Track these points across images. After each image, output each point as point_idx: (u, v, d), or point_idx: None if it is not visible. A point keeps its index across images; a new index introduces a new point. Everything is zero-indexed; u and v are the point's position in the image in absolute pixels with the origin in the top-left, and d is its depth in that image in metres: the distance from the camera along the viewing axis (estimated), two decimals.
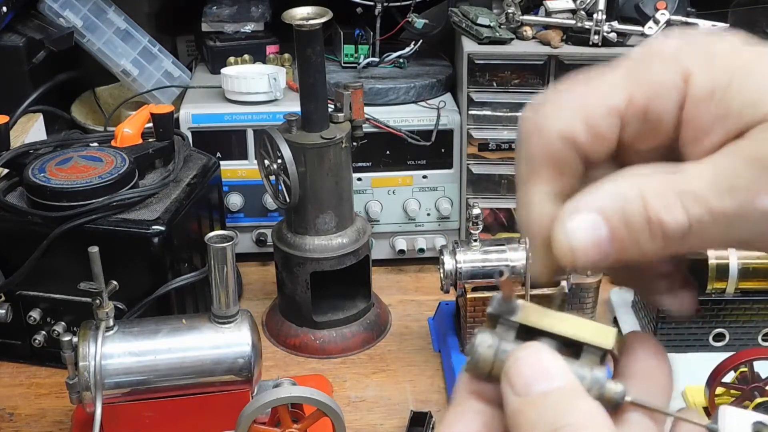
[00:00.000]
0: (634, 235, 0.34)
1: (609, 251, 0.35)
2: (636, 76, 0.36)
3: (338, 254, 1.07)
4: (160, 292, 0.97)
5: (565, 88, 0.37)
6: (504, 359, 0.36)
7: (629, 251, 0.35)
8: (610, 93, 0.36)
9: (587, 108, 0.36)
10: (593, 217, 0.35)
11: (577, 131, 0.36)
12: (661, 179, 0.34)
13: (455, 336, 1.07)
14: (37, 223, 0.97)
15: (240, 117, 1.20)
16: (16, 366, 1.07)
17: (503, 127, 1.21)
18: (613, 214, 0.34)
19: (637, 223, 0.34)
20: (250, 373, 0.87)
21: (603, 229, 0.34)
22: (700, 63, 0.35)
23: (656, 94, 0.35)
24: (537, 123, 0.37)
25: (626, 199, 0.34)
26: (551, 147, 0.36)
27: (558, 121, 0.36)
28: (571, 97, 0.37)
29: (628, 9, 1.16)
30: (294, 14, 1.01)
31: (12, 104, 1.21)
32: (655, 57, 0.36)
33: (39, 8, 1.28)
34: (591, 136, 0.36)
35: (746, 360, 0.89)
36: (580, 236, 0.35)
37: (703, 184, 0.33)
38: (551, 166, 0.37)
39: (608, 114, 0.36)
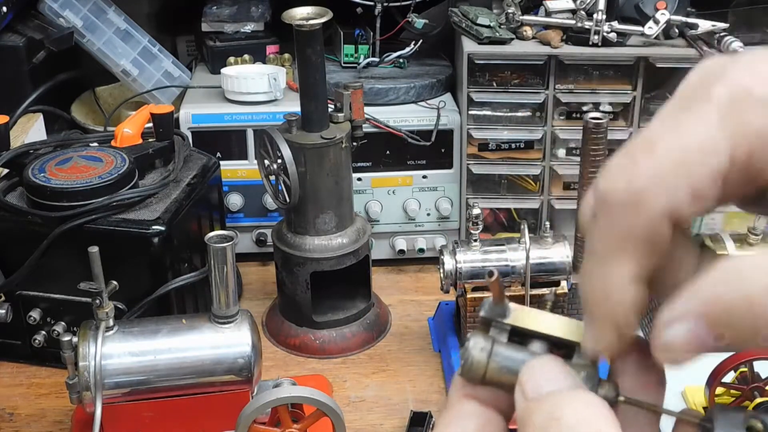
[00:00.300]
0: (740, 333, 0.30)
1: (712, 348, 0.31)
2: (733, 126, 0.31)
3: (338, 254, 1.07)
4: (160, 292, 0.97)
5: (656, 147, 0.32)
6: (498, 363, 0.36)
7: (735, 346, 0.31)
8: (712, 151, 0.31)
9: (691, 174, 0.31)
10: (693, 323, 0.31)
11: (686, 206, 0.31)
12: (761, 265, 0.30)
13: (455, 336, 1.07)
14: (37, 223, 0.97)
15: (240, 117, 1.20)
16: (16, 366, 1.07)
17: (503, 127, 1.21)
18: (715, 316, 0.31)
19: (744, 322, 0.30)
20: (250, 373, 0.87)
21: (705, 332, 0.31)
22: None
23: (759, 146, 0.31)
24: (634, 194, 0.32)
25: (728, 299, 0.30)
26: (652, 227, 0.32)
27: (663, 196, 0.31)
28: (670, 161, 0.31)
29: (628, 9, 1.16)
30: (294, 14, 1.01)
31: (12, 104, 1.21)
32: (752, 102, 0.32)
33: (39, 8, 1.28)
34: (695, 206, 0.32)
35: (746, 360, 0.89)
36: (681, 343, 0.31)
37: None
38: (646, 246, 0.32)
39: (713, 178, 0.31)
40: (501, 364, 0.36)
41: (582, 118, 1.04)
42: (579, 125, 1.08)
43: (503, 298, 0.36)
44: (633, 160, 0.32)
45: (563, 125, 1.20)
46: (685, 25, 1.14)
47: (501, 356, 0.36)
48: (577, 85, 1.18)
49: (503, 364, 0.36)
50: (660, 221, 0.32)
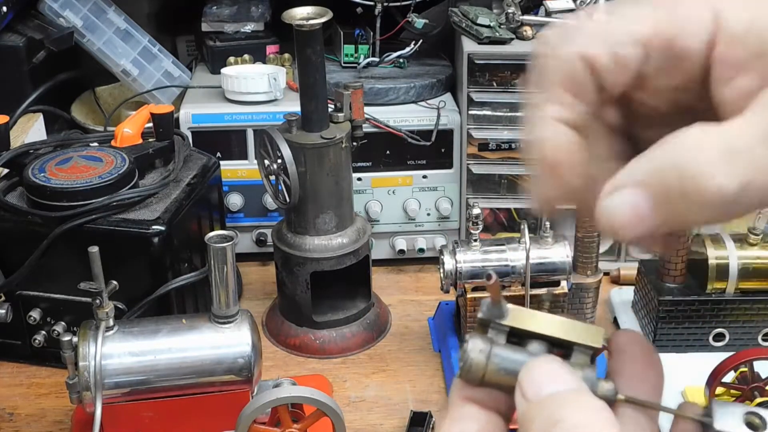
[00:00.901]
0: (680, 206, 0.32)
1: (654, 224, 0.33)
2: (664, 9, 0.35)
3: (338, 254, 1.07)
4: (160, 292, 0.97)
5: (590, 15, 0.36)
6: (497, 365, 0.36)
7: (678, 222, 0.33)
8: (636, 22, 0.35)
9: (611, 34, 0.35)
10: (631, 193, 0.33)
11: (599, 54, 0.35)
12: (703, 141, 0.32)
13: (455, 336, 1.07)
14: (37, 223, 0.97)
15: (240, 117, 1.20)
16: (16, 366, 1.07)
17: (503, 127, 1.21)
18: (654, 186, 0.33)
19: (681, 194, 0.32)
20: (250, 373, 0.87)
21: (645, 203, 0.33)
22: (732, 2, 0.34)
23: (684, 29, 0.34)
24: (557, 42, 0.36)
25: (666, 169, 0.32)
26: (570, 68, 0.35)
27: (579, 42, 0.35)
28: (594, 23, 0.36)
29: None
30: (294, 14, 1.01)
31: (12, 104, 1.21)
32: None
33: (39, 8, 1.28)
34: (612, 62, 0.35)
35: (746, 360, 0.89)
36: (621, 213, 0.33)
37: (751, 140, 0.31)
38: (567, 88, 0.35)
39: (632, 42, 0.35)
40: (499, 366, 0.36)
41: None
42: None
43: (501, 300, 0.36)
44: (572, 20, 0.37)
45: None
46: None
47: (499, 357, 0.36)
48: None
49: (502, 365, 0.36)
50: (574, 62, 0.35)
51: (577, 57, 0.35)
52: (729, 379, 0.91)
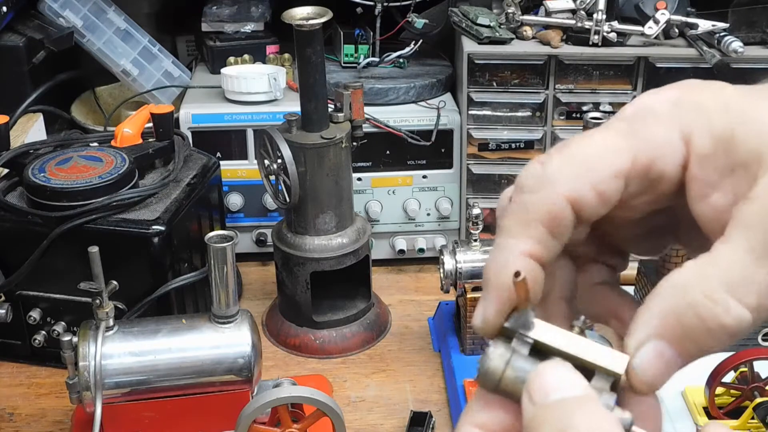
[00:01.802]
0: (700, 345, 0.34)
1: (680, 364, 0.35)
2: (637, 136, 0.36)
3: (338, 254, 1.07)
4: (160, 292, 0.97)
5: (568, 148, 0.37)
6: (515, 373, 0.36)
7: (699, 356, 0.35)
8: (614, 155, 0.36)
9: (593, 170, 0.36)
10: (654, 345, 0.34)
11: (584, 195, 0.36)
12: (702, 279, 0.34)
13: (455, 336, 1.07)
14: (37, 223, 0.97)
15: (240, 117, 1.20)
16: (16, 366, 1.07)
17: (503, 127, 1.21)
18: (673, 334, 0.34)
19: (701, 334, 0.34)
20: (250, 373, 0.87)
21: (668, 351, 0.34)
22: (697, 121, 0.35)
23: (658, 155, 0.35)
24: (544, 179, 0.36)
25: (680, 314, 0.34)
26: (555, 207, 0.36)
27: (567, 183, 0.36)
28: (578, 159, 0.36)
29: (628, 9, 1.16)
30: (294, 14, 1.01)
31: (12, 104, 1.21)
32: (652, 117, 0.36)
33: (39, 8, 1.28)
34: (596, 199, 0.36)
35: (746, 360, 0.89)
36: (652, 367, 0.35)
37: (744, 266, 0.33)
38: (546, 226, 0.36)
39: (615, 177, 0.36)
40: (517, 376, 0.36)
41: (582, 118, 1.04)
42: (579, 125, 1.08)
43: (528, 303, 0.36)
44: (547, 156, 0.37)
45: (563, 125, 1.20)
46: (685, 25, 1.14)
47: (519, 368, 0.36)
48: (577, 85, 1.18)
49: (519, 375, 0.35)
50: (560, 204, 0.36)
51: (563, 199, 0.36)
52: (729, 379, 0.91)
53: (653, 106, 0.37)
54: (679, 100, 0.36)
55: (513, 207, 0.37)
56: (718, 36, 1.13)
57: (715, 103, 0.36)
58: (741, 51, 1.11)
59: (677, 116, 0.36)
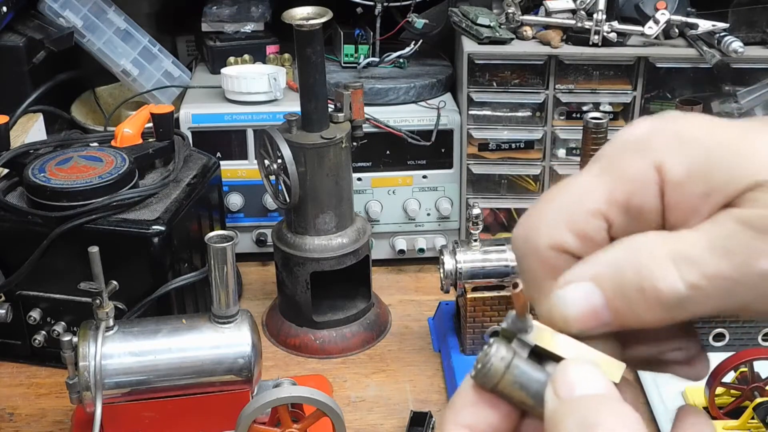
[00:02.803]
0: (630, 303, 0.34)
1: (606, 319, 0.35)
2: (610, 174, 0.36)
3: (338, 254, 1.07)
4: (160, 292, 0.97)
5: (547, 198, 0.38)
6: (514, 375, 0.36)
7: (627, 319, 0.35)
8: (589, 196, 0.36)
9: (569, 215, 0.36)
10: (587, 286, 0.35)
11: (564, 240, 0.36)
12: (655, 244, 0.34)
13: (455, 336, 1.07)
14: (37, 223, 0.97)
15: (240, 117, 1.20)
16: (16, 366, 1.07)
17: (503, 127, 1.21)
18: (606, 282, 0.35)
19: (633, 290, 0.34)
20: (250, 373, 0.87)
21: (598, 298, 0.35)
22: (670, 148, 0.35)
23: (633, 188, 0.36)
24: (526, 238, 0.37)
25: (620, 266, 0.34)
26: (545, 260, 0.37)
27: (545, 234, 0.37)
28: (553, 207, 0.37)
29: (628, 9, 1.16)
30: (294, 14, 1.01)
31: (12, 104, 1.21)
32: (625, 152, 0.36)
33: (39, 8, 1.28)
34: (579, 241, 0.36)
35: (746, 360, 0.89)
36: (573, 304, 0.35)
37: (698, 248, 0.33)
38: (550, 275, 0.37)
39: (591, 217, 0.36)
40: (516, 379, 0.36)
41: (582, 118, 1.04)
42: (579, 125, 1.08)
43: (526, 311, 0.36)
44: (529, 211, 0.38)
45: (563, 125, 1.20)
46: (685, 25, 1.14)
47: (519, 371, 0.36)
48: (577, 85, 1.18)
49: (519, 379, 0.36)
50: (549, 254, 0.36)
51: (547, 249, 0.36)
52: (729, 379, 0.91)
53: (628, 139, 0.37)
54: (653, 130, 0.36)
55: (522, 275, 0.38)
56: (718, 36, 1.13)
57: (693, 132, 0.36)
58: (741, 51, 1.11)
59: (651, 146, 0.36)
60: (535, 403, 0.35)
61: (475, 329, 1.03)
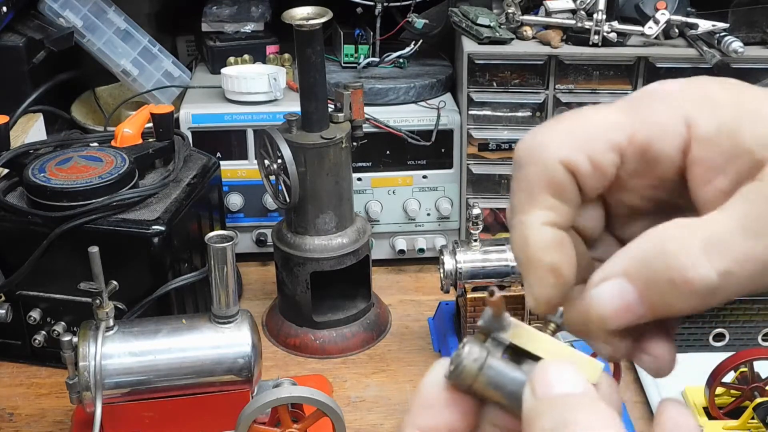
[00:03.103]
0: (663, 295, 0.34)
1: (641, 313, 0.35)
2: (638, 115, 0.36)
3: (338, 254, 1.07)
4: (160, 292, 0.97)
5: (563, 118, 0.37)
6: (488, 374, 0.35)
7: (661, 310, 0.34)
8: (612, 128, 0.36)
9: (589, 140, 0.36)
10: (620, 282, 0.34)
11: (578, 161, 0.36)
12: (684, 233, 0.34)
13: (455, 336, 1.07)
14: (37, 223, 0.97)
15: (240, 117, 1.20)
16: (16, 366, 1.07)
17: (503, 127, 1.21)
18: (638, 276, 0.34)
19: (665, 283, 0.34)
20: (250, 373, 0.87)
21: (631, 294, 0.34)
22: (702, 105, 0.35)
23: (658, 135, 0.35)
24: (537, 149, 0.36)
25: (650, 259, 0.34)
26: (552, 174, 0.36)
27: (560, 149, 0.36)
28: (571, 128, 0.36)
29: (628, 9, 1.16)
30: (294, 14, 1.01)
31: (12, 104, 1.21)
32: (657, 98, 0.36)
33: (39, 8, 1.28)
34: (591, 169, 0.36)
35: (746, 360, 0.89)
36: (608, 303, 0.35)
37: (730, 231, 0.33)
38: (551, 193, 0.36)
39: (610, 149, 0.36)
40: (491, 379, 0.35)
41: None
42: None
43: (502, 313, 0.36)
44: (542, 125, 0.37)
45: None
46: (685, 25, 1.14)
47: (493, 370, 0.35)
48: (577, 85, 1.18)
49: (493, 379, 0.35)
50: (557, 169, 0.36)
51: (558, 163, 0.36)
52: (729, 379, 0.91)
53: (659, 89, 0.37)
54: (688, 87, 0.36)
55: (515, 184, 0.37)
56: (718, 36, 1.13)
57: (725, 95, 0.35)
58: (741, 51, 1.11)
59: (682, 100, 0.36)
60: (511, 403, 0.35)
61: (475, 329, 1.03)
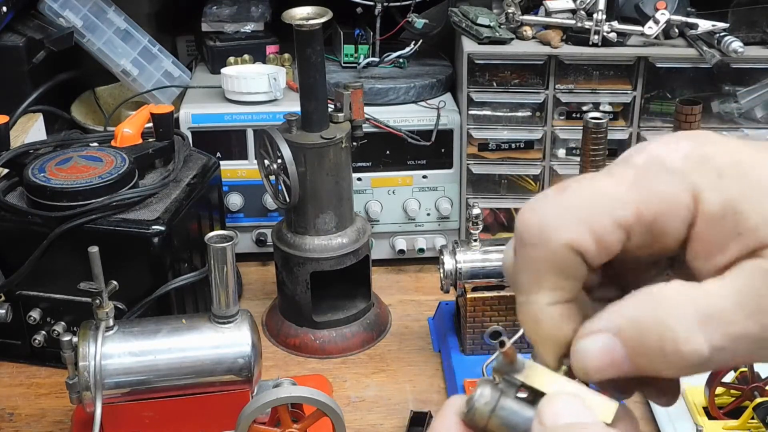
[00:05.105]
0: (651, 359, 0.34)
1: (625, 370, 0.35)
2: (644, 190, 0.35)
3: (338, 254, 1.07)
4: (160, 292, 0.97)
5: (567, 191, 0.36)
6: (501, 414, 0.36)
7: (646, 371, 0.34)
8: (619, 205, 0.35)
9: (595, 219, 0.35)
10: (608, 339, 0.34)
11: (584, 242, 0.35)
12: (681, 300, 0.33)
13: (455, 336, 1.07)
14: (37, 223, 0.97)
15: (240, 117, 1.20)
16: (16, 366, 1.07)
17: (503, 127, 1.21)
18: (628, 336, 0.34)
19: (655, 349, 0.33)
20: (250, 373, 0.87)
21: (619, 351, 0.34)
22: (709, 180, 0.34)
23: (664, 211, 0.35)
24: (541, 230, 0.36)
25: (642, 322, 0.34)
26: (557, 257, 0.35)
27: (565, 231, 0.35)
28: (575, 205, 0.36)
29: (628, 9, 1.16)
30: (294, 14, 1.01)
31: (12, 104, 1.21)
32: (662, 170, 0.35)
33: (39, 8, 1.28)
34: (597, 248, 0.35)
35: None
36: (595, 356, 0.35)
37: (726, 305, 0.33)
38: (556, 275, 0.36)
39: (616, 227, 0.35)
40: (504, 419, 0.36)
41: (582, 118, 1.04)
42: (579, 125, 1.08)
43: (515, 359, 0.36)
44: (543, 201, 0.36)
45: (563, 125, 1.20)
46: (685, 25, 1.14)
47: (506, 411, 0.36)
48: (577, 85, 1.18)
49: (507, 419, 0.36)
50: (563, 252, 0.35)
51: (564, 247, 0.35)
52: (729, 379, 0.91)
53: (664, 158, 0.36)
54: (691, 154, 0.35)
55: (520, 262, 0.37)
56: (718, 36, 1.13)
57: (727, 160, 0.35)
58: (741, 51, 1.11)
59: (687, 172, 0.35)
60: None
61: (475, 329, 1.03)
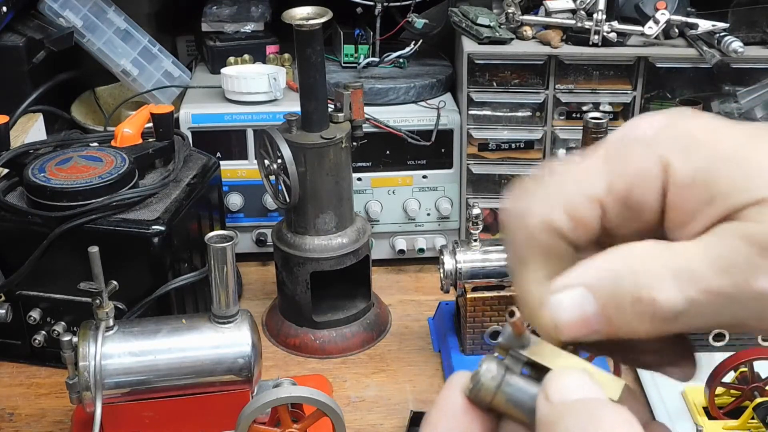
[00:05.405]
0: (624, 313, 0.33)
1: (597, 328, 0.34)
2: (615, 164, 0.36)
3: (338, 254, 1.07)
4: (160, 292, 0.97)
5: (544, 177, 0.37)
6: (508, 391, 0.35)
7: (619, 329, 0.34)
8: (590, 181, 0.36)
9: (567, 197, 0.36)
10: (580, 292, 0.34)
11: (558, 220, 0.36)
12: (654, 255, 0.34)
13: (455, 336, 1.07)
14: (37, 223, 0.97)
15: (240, 117, 1.20)
16: (16, 366, 1.07)
17: (503, 127, 1.21)
18: (602, 290, 0.34)
19: (628, 301, 0.33)
20: (250, 373, 0.87)
21: (591, 306, 0.34)
22: (678, 150, 0.35)
23: (636, 182, 0.35)
24: (518, 214, 0.37)
25: (617, 275, 0.34)
26: (535, 237, 0.36)
27: (539, 212, 0.36)
28: (550, 187, 0.37)
29: (628, 9, 1.16)
30: (294, 14, 1.01)
31: (12, 104, 1.21)
32: (633, 144, 0.36)
33: (39, 8, 1.28)
34: (573, 224, 0.36)
35: (746, 360, 0.89)
36: (566, 311, 0.35)
37: (700, 262, 0.33)
38: (538, 254, 0.36)
39: (588, 202, 0.36)
40: (510, 396, 0.35)
41: (582, 118, 1.04)
42: (579, 125, 1.08)
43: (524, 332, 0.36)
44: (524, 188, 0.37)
45: (563, 125, 1.20)
46: (685, 25, 1.14)
47: (512, 387, 0.35)
48: (577, 85, 1.18)
49: (512, 396, 0.35)
50: (540, 231, 0.36)
51: (539, 227, 0.36)
52: (729, 379, 0.91)
53: (636, 131, 0.36)
54: (665, 127, 0.36)
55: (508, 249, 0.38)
56: (718, 36, 1.13)
57: (703, 133, 0.35)
58: (741, 51, 1.11)
59: (659, 143, 0.35)
60: (531, 420, 0.35)
61: (475, 329, 1.03)
